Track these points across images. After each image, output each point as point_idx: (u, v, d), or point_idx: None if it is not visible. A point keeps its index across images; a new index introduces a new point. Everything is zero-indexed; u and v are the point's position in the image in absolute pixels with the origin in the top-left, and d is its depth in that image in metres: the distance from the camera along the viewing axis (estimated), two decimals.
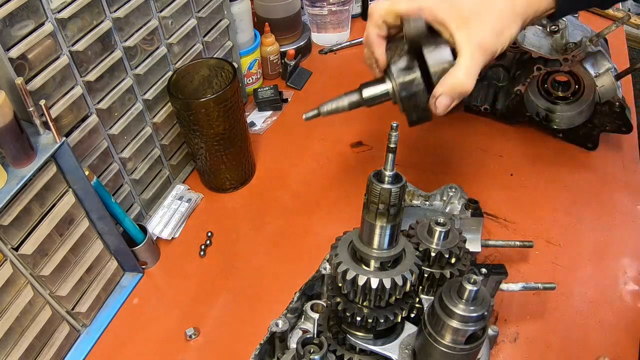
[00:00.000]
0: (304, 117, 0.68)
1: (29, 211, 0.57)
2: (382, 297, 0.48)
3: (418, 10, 0.60)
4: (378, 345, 0.52)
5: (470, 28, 0.59)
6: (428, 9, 0.60)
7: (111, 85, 0.69)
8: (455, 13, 0.60)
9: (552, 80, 0.88)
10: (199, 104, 0.74)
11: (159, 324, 0.71)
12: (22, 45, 0.55)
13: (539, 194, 0.85)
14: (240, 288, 0.75)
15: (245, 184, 0.89)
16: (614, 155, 0.90)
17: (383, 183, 0.43)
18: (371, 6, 0.64)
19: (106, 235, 0.70)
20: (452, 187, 0.75)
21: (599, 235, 0.79)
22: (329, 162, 0.92)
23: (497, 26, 0.60)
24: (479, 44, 0.60)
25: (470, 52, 0.59)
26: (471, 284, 0.43)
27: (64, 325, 0.66)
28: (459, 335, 0.44)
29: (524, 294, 0.71)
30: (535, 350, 0.66)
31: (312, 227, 0.82)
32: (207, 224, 0.83)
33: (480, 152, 0.91)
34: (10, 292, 0.57)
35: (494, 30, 0.60)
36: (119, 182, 0.76)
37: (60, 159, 0.60)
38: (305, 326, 0.61)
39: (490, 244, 0.71)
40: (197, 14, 0.82)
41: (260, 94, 1.01)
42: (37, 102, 0.55)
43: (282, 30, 1.08)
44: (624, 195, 0.84)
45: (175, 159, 0.87)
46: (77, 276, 0.66)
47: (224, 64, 0.80)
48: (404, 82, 0.62)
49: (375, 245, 0.47)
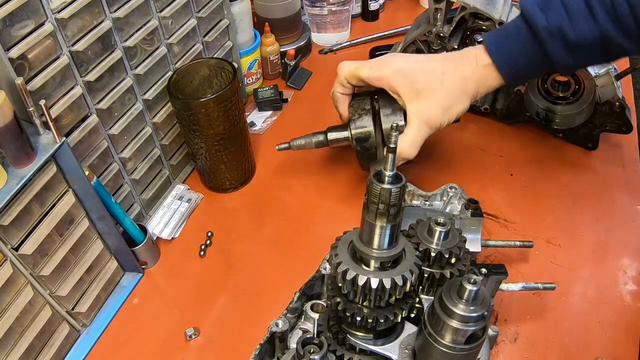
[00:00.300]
0: (277, 148, 0.82)
1: (29, 211, 0.57)
2: (382, 297, 0.48)
3: (378, 79, 0.69)
4: (378, 345, 0.52)
5: (421, 102, 0.67)
6: (387, 79, 0.68)
7: (111, 85, 0.69)
8: (409, 86, 0.67)
9: (552, 80, 0.88)
10: (199, 104, 0.74)
11: (159, 324, 0.71)
12: (22, 45, 0.55)
13: (539, 194, 0.85)
14: (240, 288, 0.75)
15: (245, 184, 0.89)
16: (614, 155, 0.90)
17: (383, 183, 0.43)
18: (339, 66, 0.73)
19: (106, 235, 0.70)
20: (452, 187, 0.75)
21: (599, 235, 0.79)
22: (329, 162, 0.92)
23: (446, 104, 0.68)
24: (426, 119, 0.68)
25: (417, 125, 0.68)
26: (471, 284, 0.43)
27: (64, 325, 0.66)
28: (459, 335, 0.44)
29: (524, 294, 0.71)
30: (535, 350, 0.66)
31: (312, 227, 0.82)
32: (207, 224, 0.83)
33: (480, 152, 0.91)
34: (10, 292, 0.57)
35: (442, 107, 0.68)
36: (119, 182, 0.76)
37: (60, 159, 0.60)
38: (305, 326, 0.61)
39: (490, 244, 0.71)
40: (197, 14, 0.82)
41: (260, 94, 1.01)
42: (37, 102, 0.55)
43: (282, 30, 1.08)
44: (624, 195, 0.84)
45: (175, 159, 0.87)
46: (77, 276, 0.66)
47: (224, 64, 0.80)
48: (359, 137, 0.74)
49: (375, 245, 0.47)
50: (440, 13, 0.86)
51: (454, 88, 0.68)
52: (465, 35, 0.90)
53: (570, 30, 0.63)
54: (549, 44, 0.64)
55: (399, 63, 0.70)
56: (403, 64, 0.70)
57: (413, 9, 1.28)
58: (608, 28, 0.62)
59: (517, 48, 0.67)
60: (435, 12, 0.86)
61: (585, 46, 0.64)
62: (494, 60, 0.67)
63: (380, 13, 1.27)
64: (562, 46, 0.64)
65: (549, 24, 0.64)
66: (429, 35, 0.89)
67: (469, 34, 0.90)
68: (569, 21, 0.63)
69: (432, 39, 0.90)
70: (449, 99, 0.68)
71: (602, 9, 0.61)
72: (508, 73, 0.68)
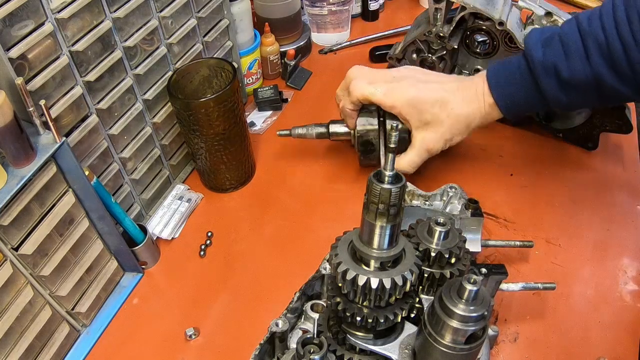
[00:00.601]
0: (278, 134, 0.86)
1: (29, 211, 0.57)
2: (382, 297, 0.48)
3: (390, 107, 0.75)
4: (378, 345, 0.52)
5: (427, 132, 0.74)
6: (398, 108, 0.74)
7: (111, 85, 0.69)
8: (418, 116, 0.74)
9: None
10: (199, 104, 0.74)
11: (159, 324, 0.71)
12: (22, 45, 0.55)
13: (539, 194, 0.85)
14: (240, 288, 0.75)
15: (245, 184, 0.89)
16: (614, 155, 0.90)
17: (383, 183, 0.43)
18: (352, 85, 0.76)
19: (106, 235, 0.70)
20: (452, 187, 0.75)
21: (599, 235, 0.79)
22: (329, 162, 0.92)
23: (449, 136, 0.74)
24: (428, 147, 0.75)
25: (418, 150, 0.76)
26: (471, 284, 0.43)
27: (64, 325, 0.66)
28: (459, 335, 0.44)
29: (524, 294, 0.71)
30: (535, 350, 0.66)
31: (312, 227, 0.82)
32: (207, 224, 0.83)
33: (480, 152, 0.91)
34: (10, 292, 0.57)
35: (445, 139, 0.74)
36: (119, 182, 0.76)
37: (60, 159, 0.60)
38: (305, 326, 0.61)
39: (490, 244, 0.71)
40: (197, 14, 0.82)
41: (260, 94, 1.01)
42: (37, 102, 0.55)
43: (282, 30, 1.08)
44: (624, 195, 0.84)
45: (175, 159, 0.87)
46: (77, 276, 0.66)
47: (224, 64, 0.80)
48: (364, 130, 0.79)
49: (375, 245, 0.47)
50: (440, 13, 0.86)
51: (460, 122, 0.73)
52: (465, 35, 0.90)
53: (564, 68, 0.64)
54: (543, 80, 0.66)
55: (412, 93, 0.73)
56: (415, 95, 0.73)
57: (413, 9, 1.28)
58: (601, 70, 0.62)
59: (515, 84, 0.69)
60: (435, 12, 0.86)
61: (579, 86, 0.65)
62: (494, 97, 0.71)
63: (380, 13, 1.27)
64: (555, 83, 0.66)
65: (544, 60, 0.65)
66: (429, 35, 0.89)
67: (469, 34, 0.90)
68: (564, 59, 0.64)
69: (432, 39, 0.90)
70: (453, 132, 0.74)
71: (597, 50, 0.62)
72: (507, 109, 0.71)
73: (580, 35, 0.64)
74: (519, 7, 0.86)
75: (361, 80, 0.76)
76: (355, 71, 0.78)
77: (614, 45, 0.61)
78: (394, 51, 0.97)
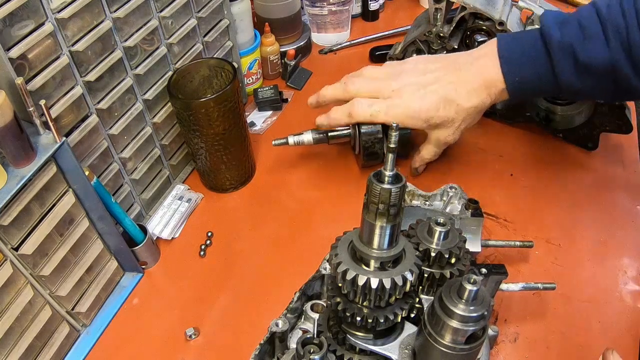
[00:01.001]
0: (273, 144, 0.85)
1: (29, 211, 0.57)
2: (382, 297, 0.48)
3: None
4: (378, 345, 0.52)
5: (439, 130, 0.77)
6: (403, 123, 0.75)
7: (111, 85, 0.69)
8: (425, 124, 0.75)
9: None
10: (199, 104, 0.74)
11: (159, 324, 0.71)
12: (22, 45, 0.55)
13: (539, 194, 0.85)
14: (240, 288, 0.75)
15: (245, 184, 0.89)
16: (614, 155, 0.90)
17: (383, 183, 0.43)
18: (353, 109, 0.77)
19: (106, 235, 0.70)
20: (452, 187, 0.75)
21: (599, 235, 0.79)
22: (329, 162, 0.92)
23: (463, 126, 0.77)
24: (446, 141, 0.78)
25: (435, 143, 0.79)
26: (471, 284, 0.43)
27: (64, 325, 0.66)
28: (459, 335, 0.44)
29: (524, 294, 0.71)
30: (535, 350, 0.66)
31: (312, 227, 0.82)
32: (207, 224, 0.83)
33: (480, 152, 0.91)
34: (10, 292, 0.57)
35: (459, 130, 0.77)
36: (119, 182, 0.76)
37: (60, 159, 0.60)
38: (305, 326, 0.61)
39: (490, 244, 0.71)
40: (197, 14, 0.82)
41: (260, 94, 1.01)
42: (37, 102, 0.55)
43: (282, 30, 1.08)
44: (624, 195, 0.84)
45: (175, 159, 0.87)
46: (77, 276, 0.66)
47: (224, 64, 0.80)
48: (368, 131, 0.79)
49: (375, 245, 0.47)
50: (440, 13, 0.86)
51: (470, 113, 0.74)
52: (465, 35, 0.90)
53: (581, 50, 0.63)
54: (559, 60, 0.65)
55: (414, 106, 0.74)
56: (418, 107, 0.74)
57: (413, 9, 1.28)
58: (619, 56, 0.62)
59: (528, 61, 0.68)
60: (435, 12, 0.87)
61: (594, 71, 0.64)
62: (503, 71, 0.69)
63: (380, 13, 1.27)
64: (572, 66, 0.64)
65: (562, 40, 0.64)
66: (429, 35, 0.89)
67: (469, 34, 0.90)
68: (582, 41, 0.63)
69: (432, 39, 0.90)
70: (466, 122, 0.76)
71: (617, 36, 0.61)
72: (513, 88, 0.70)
73: (600, 20, 0.63)
74: (519, 7, 0.86)
75: (361, 103, 0.76)
76: (354, 87, 0.77)
77: (633, 33, 0.60)
78: (394, 51, 0.97)
